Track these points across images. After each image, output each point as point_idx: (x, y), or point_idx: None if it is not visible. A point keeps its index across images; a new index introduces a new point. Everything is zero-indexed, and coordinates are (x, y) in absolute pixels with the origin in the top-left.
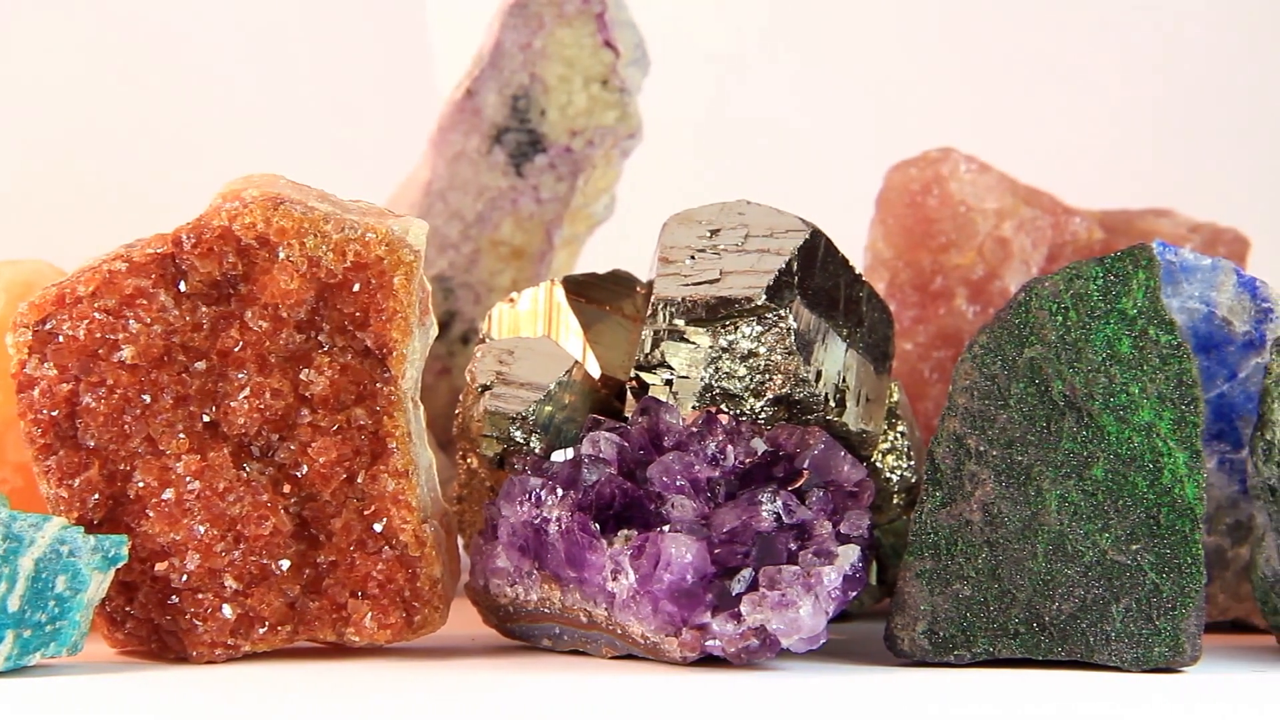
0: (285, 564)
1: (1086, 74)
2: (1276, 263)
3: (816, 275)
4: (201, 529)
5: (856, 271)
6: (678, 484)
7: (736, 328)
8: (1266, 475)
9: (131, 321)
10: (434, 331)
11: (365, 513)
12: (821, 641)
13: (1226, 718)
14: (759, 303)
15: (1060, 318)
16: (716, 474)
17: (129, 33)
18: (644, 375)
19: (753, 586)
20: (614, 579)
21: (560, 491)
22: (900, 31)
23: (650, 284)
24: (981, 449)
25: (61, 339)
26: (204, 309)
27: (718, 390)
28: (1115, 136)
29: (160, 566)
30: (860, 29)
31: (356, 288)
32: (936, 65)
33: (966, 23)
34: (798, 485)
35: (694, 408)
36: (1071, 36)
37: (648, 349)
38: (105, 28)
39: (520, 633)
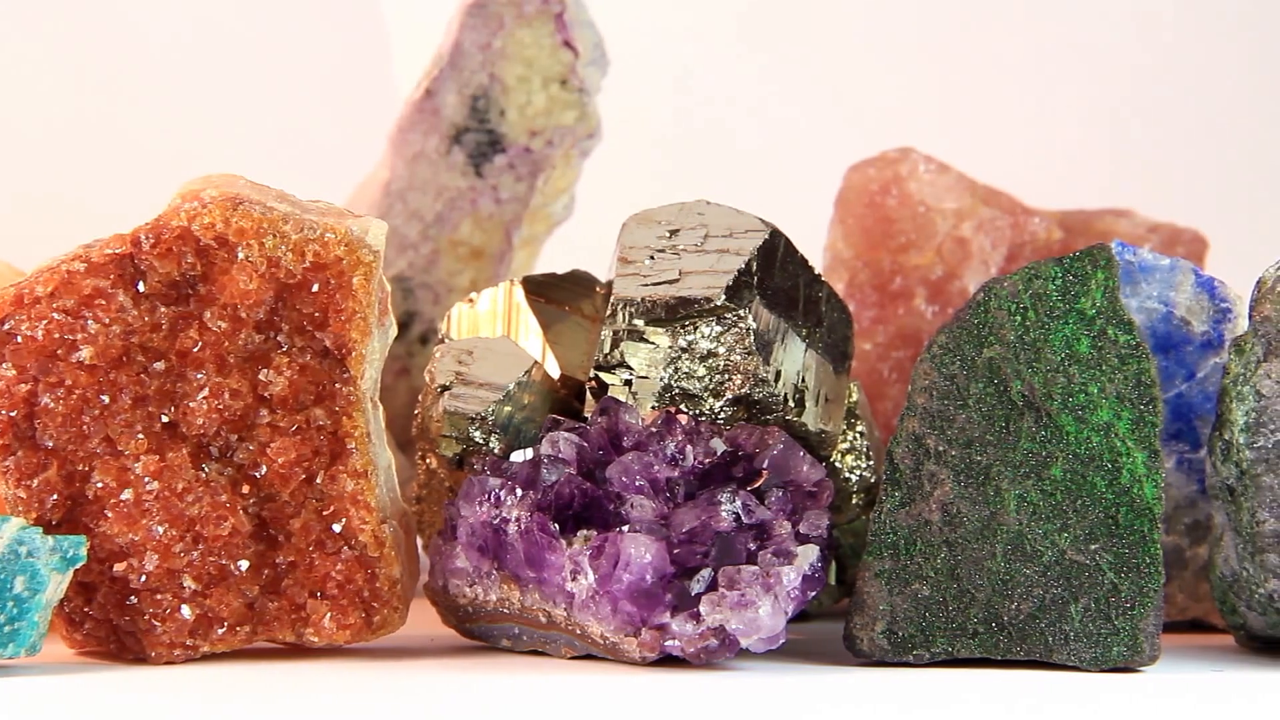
0: (244, 564)
1: (1046, 74)
2: (1235, 263)
3: (776, 275)
4: (160, 529)
5: (816, 271)
6: (637, 484)
7: (696, 328)
8: (1225, 475)
9: (90, 322)
10: (393, 332)
11: (324, 513)
12: (781, 641)
13: (1185, 717)
14: (718, 303)
15: (1019, 318)
16: (676, 474)
17: (88, 33)
18: (603, 375)
19: (712, 586)
20: (573, 579)
21: (519, 492)
22: (860, 32)
23: (609, 284)
24: (940, 449)
25: (20, 339)
26: (163, 309)
27: (677, 390)
28: (1074, 137)
29: (119, 567)
30: (819, 29)
31: (315, 288)
32: (896, 66)
33: (926, 23)
34: (757, 485)
35: (653, 408)
36: (1031, 37)
37: (607, 349)
38: (63, 28)
39: (479, 633)
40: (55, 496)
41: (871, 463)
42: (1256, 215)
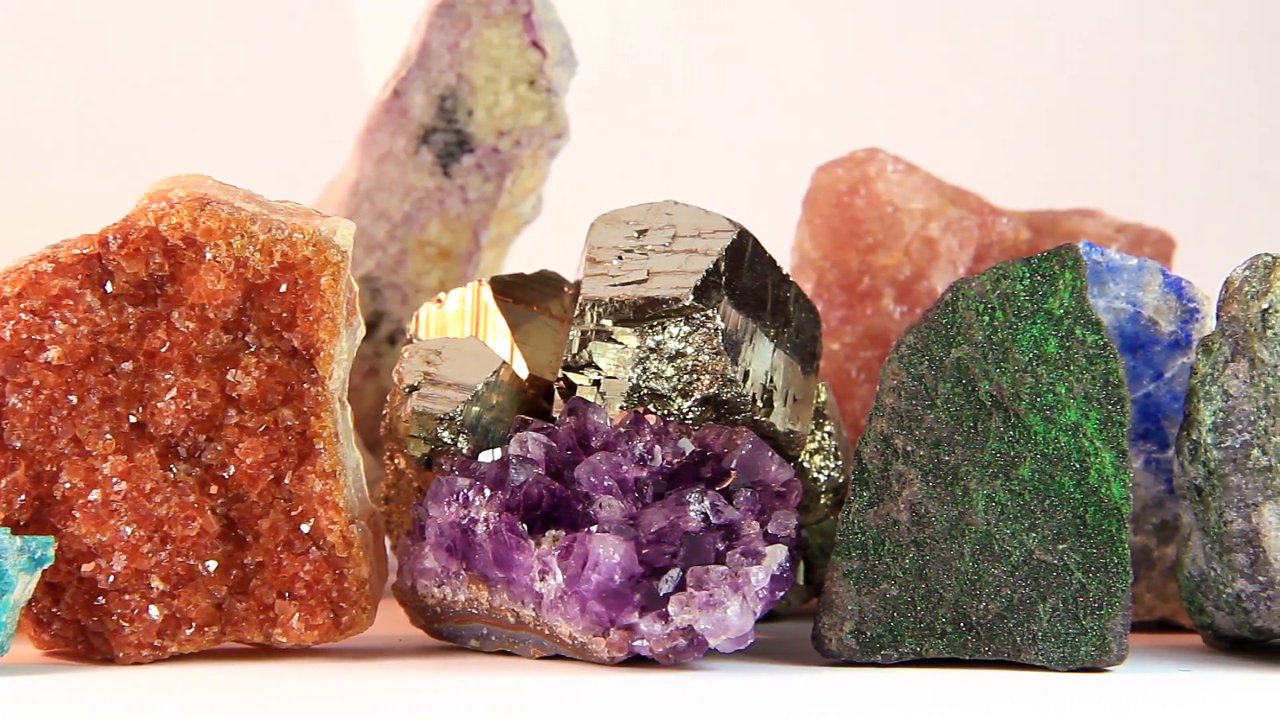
0: (212, 565)
1: (1014, 75)
2: (1202, 263)
3: (744, 275)
4: (128, 530)
5: (784, 272)
6: (605, 484)
7: (664, 328)
8: (1192, 475)
9: (58, 322)
10: (361, 332)
11: (292, 513)
12: (749, 641)
13: (1153, 717)
14: (686, 303)
15: (987, 318)
16: (644, 474)
17: (54, 33)
18: (572, 375)
19: (680, 587)
20: (541, 579)
21: (488, 492)
22: (827, 32)
23: (578, 284)
24: (909, 449)
25: None
26: (130, 309)
27: (645, 390)
28: (1042, 137)
29: (87, 567)
30: (787, 30)
31: (283, 288)
32: (863, 65)
33: (894, 23)
34: (725, 485)
35: (622, 408)
36: (999, 36)
37: (575, 349)
38: (28, 27)
39: (448, 633)
40: (23, 497)
41: (840, 463)
42: (1224, 215)
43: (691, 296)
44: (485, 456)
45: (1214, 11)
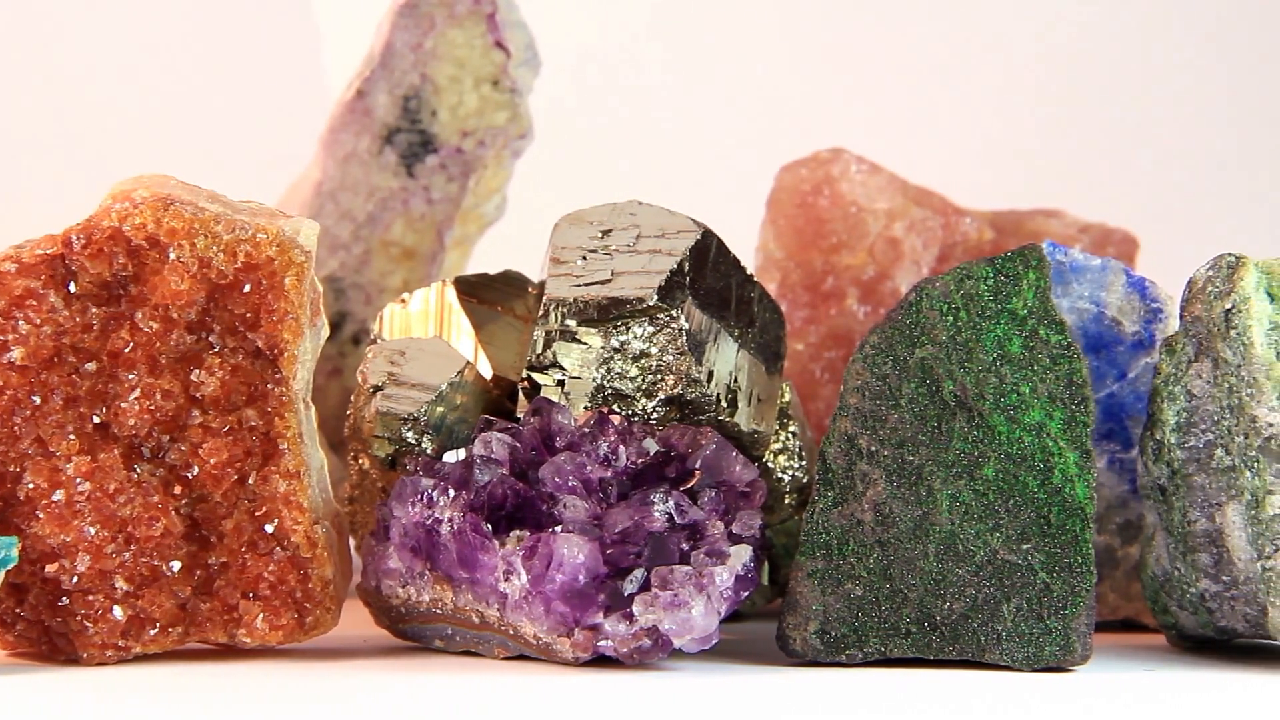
0: (176, 565)
1: (978, 75)
2: (1165, 263)
3: (708, 276)
4: (92, 530)
5: (748, 272)
6: (570, 484)
7: (628, 328)
8: (1156, 475)
9: (21, 322)
10: (325, 332)
11: (256, 514)
12: (713, 642)
13: (1117, 716)
14: (650, 303)
15: (951, 318)
16: (608, 474)
17: (16, 32)
18: (536, 376)
19: (645, 587)
20: (506, 580)
21: (452, 492)
22: (790, 31)
23: (542, 284)
24: (873, 449)
25: None
26: (94, 310)
27: (610, 391)
28: (1005, 137)
29: (51, 568)
30: (751, 29)
31: (247, 288)
32: (827, 65)
33: (858, 22)
34: (689, 486)
35: (586, 408)
36: (962, 36)
37: (539, 349)
38: None
39: (412, 634)
40: None
41: (804, 463)
42: (1187, 215)
43: (656, 297)
44: (449, 457)
45: (1179, 13)
